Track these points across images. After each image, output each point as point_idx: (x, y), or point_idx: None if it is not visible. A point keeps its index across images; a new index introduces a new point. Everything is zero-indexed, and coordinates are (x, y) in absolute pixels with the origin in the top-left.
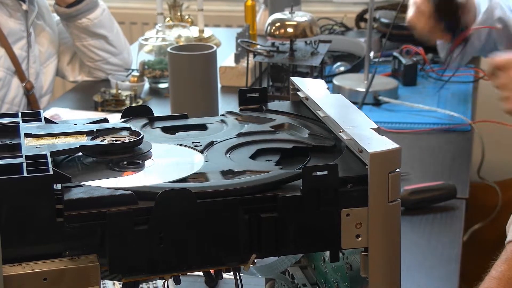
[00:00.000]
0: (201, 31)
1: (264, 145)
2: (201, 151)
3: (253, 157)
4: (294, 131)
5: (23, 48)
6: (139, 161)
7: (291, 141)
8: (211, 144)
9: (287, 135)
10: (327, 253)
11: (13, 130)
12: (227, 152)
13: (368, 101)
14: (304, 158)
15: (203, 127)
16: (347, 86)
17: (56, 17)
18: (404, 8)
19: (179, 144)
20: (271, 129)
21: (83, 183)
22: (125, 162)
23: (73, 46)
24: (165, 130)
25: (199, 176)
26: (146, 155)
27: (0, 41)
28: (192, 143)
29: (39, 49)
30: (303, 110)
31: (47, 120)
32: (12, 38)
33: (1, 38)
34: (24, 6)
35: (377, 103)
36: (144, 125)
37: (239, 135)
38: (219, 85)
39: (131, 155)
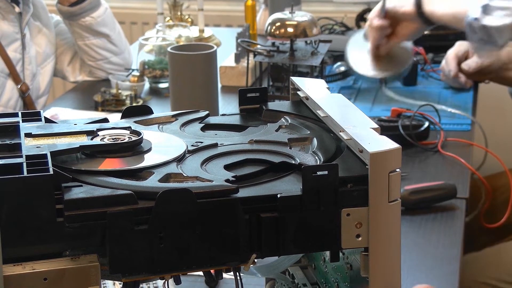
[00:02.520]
0: (201, 31)
1: (255, 155)
2: (190, 151)
3: (236, 165)
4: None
5: (17, 50)
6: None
7: (288, 156)
8: (212, 146)
9: (291, 151)
10: (327, 253)
11: (13, 130)
12: (213, 157)
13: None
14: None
15: (241, 128)
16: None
17: (54, 18)
18: None
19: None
20: (286, 141)
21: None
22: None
23: (73, 46)
24: (205, 127)
25: (147, 173)
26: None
27: None
28: (196, 142)
29: (36, 50)
30: (303, 110)
31: (47, 120)
32: (5, 40)
33: None
34: (17, 9)
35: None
36: (197, 119)
37: (250, 141)
38: (219, 85)
39: (131, 154)
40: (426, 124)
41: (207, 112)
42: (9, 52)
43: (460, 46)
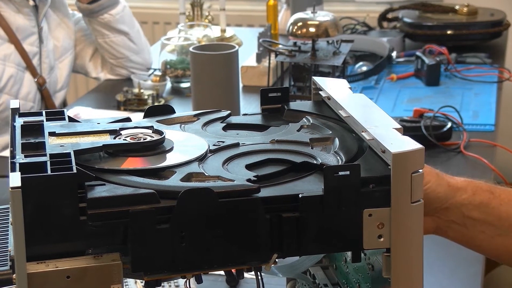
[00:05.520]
0: (223, 31)
1: (276, 155)
2: (212, 150)
3: (258, 165)
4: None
5: (34, 44)
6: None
7: (309, 155)
8: (232, 146)
9: (313, 151)
10: (349, 253)
11: (38, 129)
12: (234, 157)
13: None
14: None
15: (263, 127)
16: None
17: (76, 15)
18: (426, 7)
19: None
20: (308, 141)
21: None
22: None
23: (94, 42)
24: (227, 127)
25: (169, 172)
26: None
27: (9, 37)
28: (217, 141)
29: (55, 43)
30: (325, 110)
31: (71, 119)
32: (21, 34)
33: (10, 34)
34: (32, 2)
35: None
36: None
37: (272, 141)
38: (241, 85)
39: (153, 153)
40: (449, 124)
41: (228, 111)
42: (25, 45)
43: None
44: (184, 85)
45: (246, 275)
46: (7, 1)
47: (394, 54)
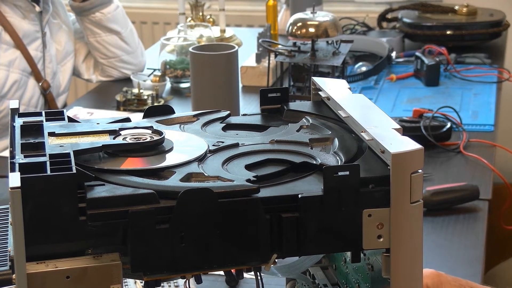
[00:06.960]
0: (223, 31)
1: (276, 155)
2: (211, 151)
3: (257, 165)
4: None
5: (38, 49)
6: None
7: (309, 156)
8: (232, 146)
9: (312, 151)
10: (348, 253)
11: (37, 129)
12: (234, 157)
13: None
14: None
15: (262, 128)
16: None
17: (72, 17)
18: (426, 7)
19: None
20: (308, 141)
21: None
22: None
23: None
24: (226, 127)
25: (168, 172)
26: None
27: (14, 42)
28: (217, 141)
29: (56, 48)
30: (325, 110)
31: (70, 119)
32: (26, 39)
33: (16, 39)
34: (38, 8)
35: None
36: (218, 119)
37: (271, 141)
38: (240, 85)
39: (153, 153)
40: (448, 125)
41: (228, 112)
42: (31, 50)
43: None
44: (184, 85)
45: (245, 275)
46: (14, 7)
47: (393, 54)
